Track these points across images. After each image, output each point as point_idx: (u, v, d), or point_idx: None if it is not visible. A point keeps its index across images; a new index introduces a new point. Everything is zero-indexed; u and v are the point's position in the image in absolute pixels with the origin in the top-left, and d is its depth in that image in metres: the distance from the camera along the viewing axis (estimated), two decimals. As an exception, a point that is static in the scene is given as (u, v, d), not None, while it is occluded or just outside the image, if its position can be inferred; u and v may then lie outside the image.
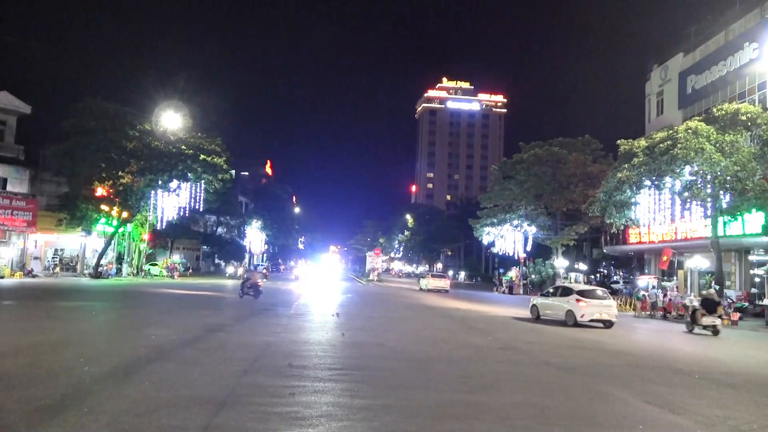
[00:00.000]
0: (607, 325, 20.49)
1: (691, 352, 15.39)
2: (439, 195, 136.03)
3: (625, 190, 29.90)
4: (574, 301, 20.71)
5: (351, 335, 14.67)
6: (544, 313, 22.42)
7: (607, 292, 23.38)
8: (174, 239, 57.32)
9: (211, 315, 18.80)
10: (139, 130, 40.20)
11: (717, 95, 36.87)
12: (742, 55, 34.41)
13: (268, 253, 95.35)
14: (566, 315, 20.83)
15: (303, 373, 9.32)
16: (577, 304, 20.52)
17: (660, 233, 36.26)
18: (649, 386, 9.65)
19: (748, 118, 27.13)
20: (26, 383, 7.76)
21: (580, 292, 21.26)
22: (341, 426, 6.46)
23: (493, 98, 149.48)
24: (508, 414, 7.29)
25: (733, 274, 33.41)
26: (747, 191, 26.10)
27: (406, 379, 9.36)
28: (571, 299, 20.90)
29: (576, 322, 20.26)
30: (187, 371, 9.11)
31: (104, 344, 11.87)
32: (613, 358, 13.02)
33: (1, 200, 36.85)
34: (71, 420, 6.14)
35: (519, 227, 49.43)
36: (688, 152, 26.02)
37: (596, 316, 20.23)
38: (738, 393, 9.61)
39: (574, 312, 20.46)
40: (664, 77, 43.37)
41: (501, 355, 12.80)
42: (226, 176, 45.07)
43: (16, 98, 41.00)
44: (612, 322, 20.52)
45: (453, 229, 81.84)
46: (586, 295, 20.96)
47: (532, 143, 48.16)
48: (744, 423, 7.46)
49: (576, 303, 20.58)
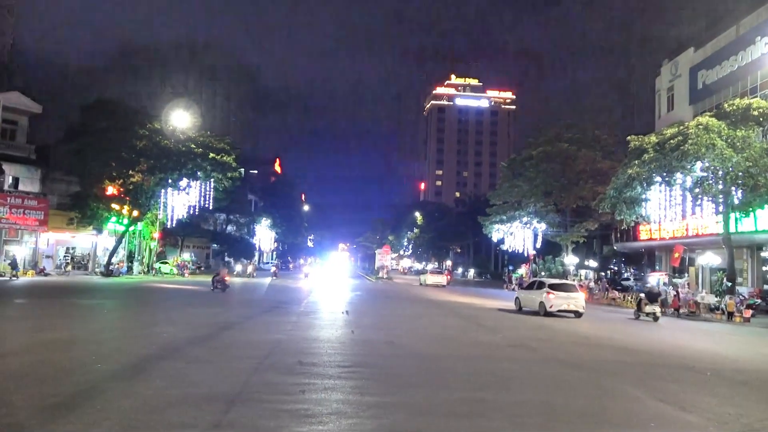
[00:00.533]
0: (576, 315, 22.73)
1: (701, 349, 15.29)
2: (448, 192, 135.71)
3: (636, 186, 29.67)
4: (545, 294, 22.99)
5: (360, 332, 14.69)
6: (525, 305, 24.56)
7: (576, 286, 26.47)
8: (184, 237, 57.61)
9: (222, 313, 18.88)
10: (149, 128, 40.40)
11: (728, 90, 36.53)
12: (754, 50, 34.07)
13: (277, 251, 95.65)
14: (539, 306, 23.12)
15: (313, 371, 9.33)
16: (547, 296, 22.82)
17: (671, 230, 36.02)
18: (660, 383, 9.59)
19: (760, 113, 26.88)
20: (38, 381, 7.84)
21: (551, 286, 23.65)
22: (351, 423, 6.47)
23: (501, 95, 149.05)
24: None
25: (745, 271, 33.14)
26: (759, 187, 25.85)
27: (415, 377, 9.37)
28: (543, 292, 23.23)
29: (546, 311, 22.56)
30: (198, 369, 9.16)
31: (115, 342, 11.95)
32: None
33: (14, 199, 37.13)
34: (83, 417, 6.18)
35: (528, 224, 49.23)
36: (699, 148, 25.81)
37: (564, 306, 22.64)
38: (750, 390, 9.54)
39: (545, 303, 22.78)
40: (674, 72, 43.03)
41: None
42: (236, 174, 45.19)
43: (27, 98, 41.33)
44: (580, 313, 22.74)
45: (462, 227, 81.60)
46: (556, 289, 23.36)
47: (539, 136, 48.35)
48: (756, 421, 7.39)
49: (546, 295, 22.87)
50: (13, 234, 38.50)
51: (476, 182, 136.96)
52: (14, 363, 9.07)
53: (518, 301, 25.30)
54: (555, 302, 22.59)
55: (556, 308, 22.51)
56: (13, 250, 38.23)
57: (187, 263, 49.93)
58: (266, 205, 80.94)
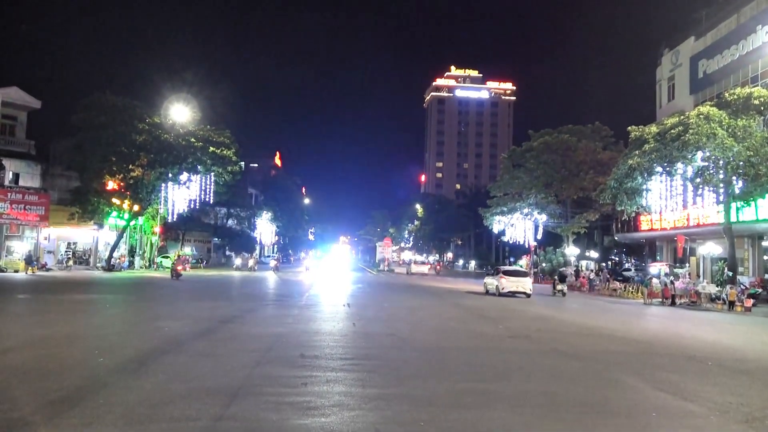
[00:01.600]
0: (526, 296, 27.91)
1: (702, 339, 15.31)
2: (449, 184, 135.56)
3: (636, 176, 29.63)
4: (500, 278, 28.60)
5: (362, 325, 14.72)
6: (488, 288, 30.04)
7: (528, 272, 34.83)
8: (185, 232, 57.66)
9: (223, 306, 18.89)
10: (149, 123, 40.34)
11: (729, 79, 36.42)
12: (755, 39, 33.95)
13: (278, 244, 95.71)
14: (495, 288, 28.72)
15: (315, 363, 9.36)
16: (501, 279, 28.47)
17: (672, 220, 36.00)
18: (661, 373, 9.60)
19: (761, 102, 26.82)
20: (41, 375, 7.86)
21: (504, 272, 29.85)
22: (353, 415, 6.49)
23: (501, 86, 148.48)
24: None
25: (746, 260, 33.16)
26: (760, 176, 25.83)
27: (417, 367, 9.40)
28: (499, 277, 28.85)
29: (500, 292, 28.04)
30: (200, 363, 9.18)
31: (117, 336, 11.97)
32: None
33: (14, 195, 37.18)
34: (86, 411, 6.21)
35: (529, 216, 49.23)
36: (700, 138, 25.76)
37: (513, 288, 28.01)
38: (752, 380, 9.55)
39: (499, 286, 28.32)
40: (675, 62, 42.88)
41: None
42: (236, 168, 45.18)
43: (26, 93, 41.26)
44: (528, 294, 28.01)
45: (463, 219, 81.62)
46: (508, 274, 29.37)
47: (541, 131, 47.81)
48: (758, 409, 7.41)
49: (500, 279, 28.52)
50: (14, 229, 38.57)
51: (477, 174, 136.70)
52: (17, 358, 9.09)
53: (485, 284, 30.92)
54: (506, 284, 28.05)
55: (507, 289, 27.91)
56: (15, 245, 38.31)
57: (188, 257, 49.94)
58: (267, 199, 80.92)
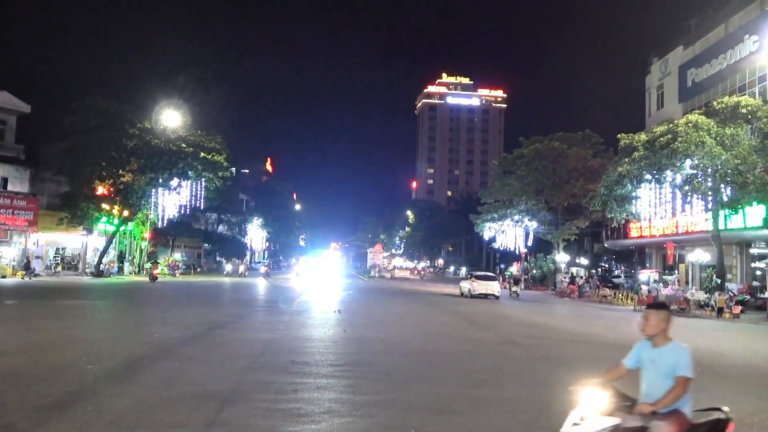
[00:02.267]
0: (495, 297, 31.21)
1: (692, 345, 15.37)
2: (440, 191, 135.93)
3: (626, 184, 29.83)
4: (471, 282, 32.25)
5: (352, 331, 14.69)
6: (463, 291, 33.22)
7: (497, 276, 39.86)
8: (175, 237, 57.24)
9: (213, 312, 18.80)
10: (139, 128, 40.09)
11: (717, 88, 36.80)
12: (743, 48, 34.33)
13: (269, 250, 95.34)
14: (468, 291, 32.02)
15: (305, 370, 9.33)
16: (472, 283, 32.00)
17: (661, 227, 36.24)
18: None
19: (749, 111, 27.08)
20: (30, 381, 7.79)
21: (475, 276, 33.41)
22: (344, 422, 6.47)
23: (492, 93, 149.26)
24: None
25: (734, 267, 33.40)
26: (748, 184, 26.06)
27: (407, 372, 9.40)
28: (471, 281, 32.53)
29: (471, 294, 31.34)
30: (190, 368, 9.13)
31: (107, 342, 11.88)
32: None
33: (2, 200, 36.78)
34: (75, 418, 6.16)
35: (520, 222, 49.38)
36: (689, 146, 25.98)
37: (482, 291, 31.33)
38: (741, 386, 9.62)
39: (471, 288, 31.70)
40: (664, 71, 43.28)
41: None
42: (227, 174, 44.98)
43: (15, 97, 40.89)
44: (496, 295, 31.37)
45: (454, 225, 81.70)
46: (478, 278, 32.70)
47: (532, 138, 48.05)
48: (747, 415, 7.46)
49: (471, 282, 32.05)
50: (2, 235, 38.14)
51: (468, 180, 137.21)
52: (7, 364, 8.99)
53: (460, 288, 34.33)
54: (477, 287, 31.40)
55: (477, 292, 31.18)
56: (2, 251, 37.93)
57: (179, 263, 49.65)
58: (258, 205, 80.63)
